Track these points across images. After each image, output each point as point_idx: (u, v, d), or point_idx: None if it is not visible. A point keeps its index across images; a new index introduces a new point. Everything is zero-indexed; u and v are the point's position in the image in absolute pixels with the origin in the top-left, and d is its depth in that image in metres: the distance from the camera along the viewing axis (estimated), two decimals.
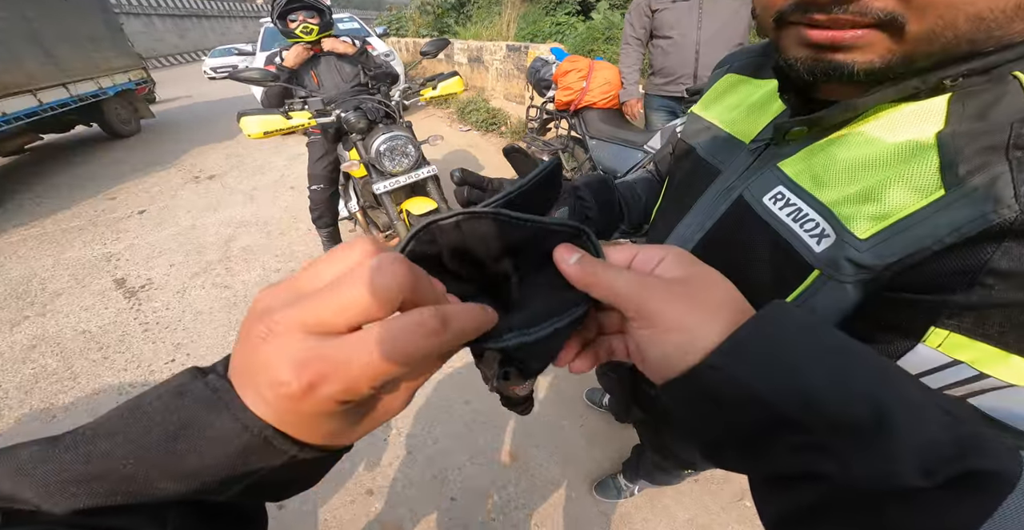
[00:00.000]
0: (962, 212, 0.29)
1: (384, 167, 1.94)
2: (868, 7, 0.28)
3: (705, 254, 0.45)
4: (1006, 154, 0.28)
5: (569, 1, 6.87)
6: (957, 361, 0.30)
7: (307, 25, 2.06)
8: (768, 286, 0.41)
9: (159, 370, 2.11)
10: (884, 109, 0.34)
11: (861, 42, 0.30)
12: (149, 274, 2.88)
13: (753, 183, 0.44)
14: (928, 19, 0.27)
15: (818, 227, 0.36)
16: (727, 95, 0.55)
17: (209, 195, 4.10)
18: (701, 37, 2.11)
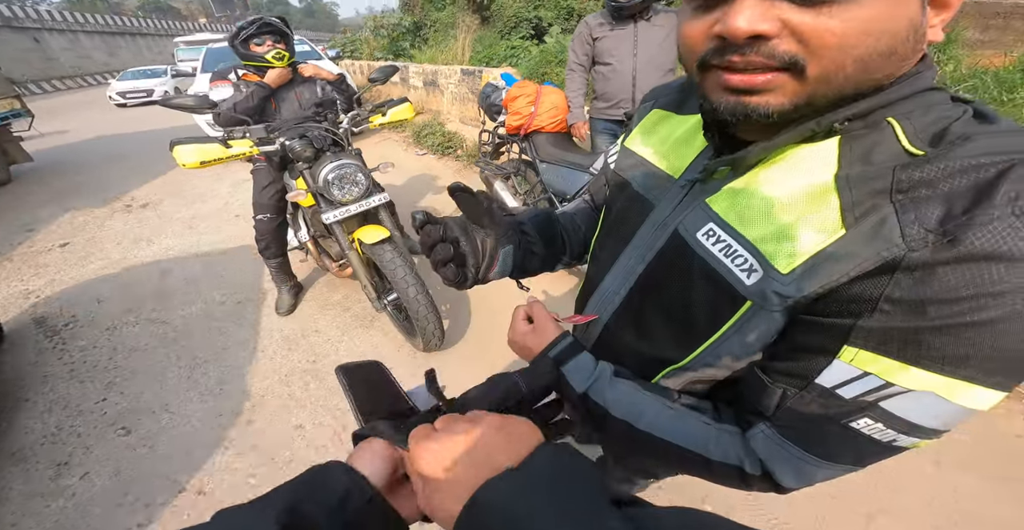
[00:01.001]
0: (860, 249, 0.35)
1: (333, 196, 1.93)
2: (774, 50, 0.33)
3: (647, 287, 0.55)
4: (891, 197, 0.34)
5: (523, 25, 7.27)
6: (867, 373, 0.36)
7: (279, 51, 2.10)
8: (706, 315, 0.46)
9: (89, 410, 2.01)
10: (788, 150, 0.41)
11: (772, 85, 0.35)
12: (74, 311, 2.73)
13: (686, 218, 0.48)
14: (823, 61, 0.33)
15: (747, 262, 0.42)
16: (655, 130, 0.59)
17: (143, 225, 3.95)
18: (637, 63, 2.33)
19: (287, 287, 2.62)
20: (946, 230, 0.32)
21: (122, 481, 1.70)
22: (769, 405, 0.43)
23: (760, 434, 0.45)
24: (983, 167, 0.32)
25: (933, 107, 0.37)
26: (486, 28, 8.27)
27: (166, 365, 2.26)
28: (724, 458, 0.47)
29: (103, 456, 1.80)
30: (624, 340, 0.58)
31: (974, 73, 2.78)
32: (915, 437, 0.37)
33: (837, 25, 0.31)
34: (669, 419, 0.51)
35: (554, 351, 0.57)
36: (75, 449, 1.84)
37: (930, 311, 0.33)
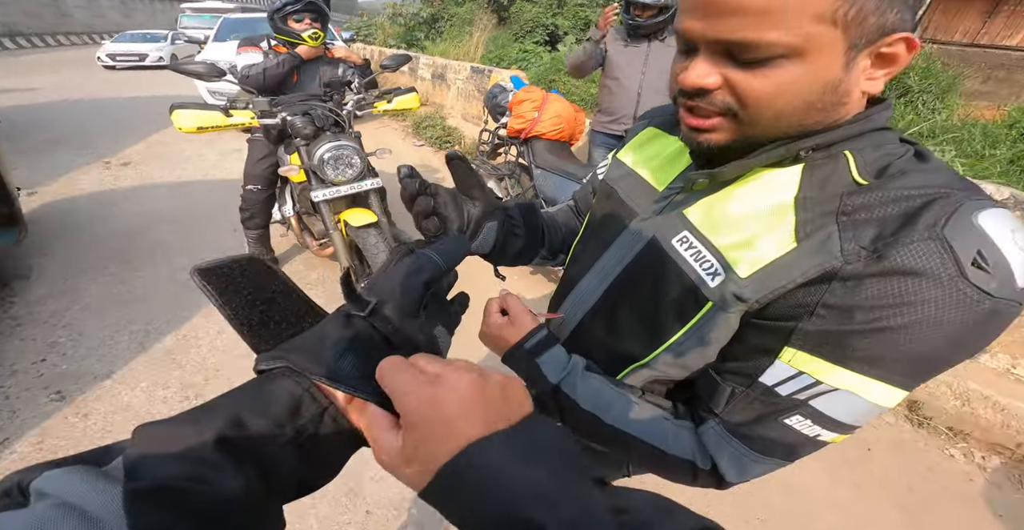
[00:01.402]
0: (808, 261, 0.41)
1: (326, 175, 1.94)
2: (715, 99, 0.42)
3: (623, 287, 0.58)
4: (836, 218, 0.40)
5: (538, 31, 7.33)
6: (801, 372, 0.42)
7: (316, 31, 2.16)
8: (672, 314, 0.51)
9: (25, 370, 1.91)
10: (761, 171, 0.47)
11: (714, 127, 0.44)
12: (29, 262, 2.62)
13: (664, 226, 0.53)
14: (749, 111, 0.41)
15: (712, 267, 0.47)
16: (647, 146, 0.65)
17: (119, 183, 3.83)
18: (644, 82, 2.37)
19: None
20: (876, 247, 0.38)
21: (44, 451, 1.60)
22: (719, 402, 0.48)
23: (711, 430, 0.50)
24: (911, 198, 0.38)
25: (882, 145, 0.43)
26: (501, 28, 8.31)
27: (117, 329, 2.18)
28: (680, 453, 0.51)
29: (28, 421, 1.70)
30: (595, 336, 0.62)
31: (964, 124, 2.87)
32: (835, 432, 0.43)
33: (761, 83, 0.39)
34: (634, 413, 0.54)
35: (530, 342, 0.59)
36: (0, 412, 1.73)
37: (857, 316, 0.38)
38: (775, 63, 0.38)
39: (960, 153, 2.51)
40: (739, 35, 0.37)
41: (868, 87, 0.40)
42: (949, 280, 0.35)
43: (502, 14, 8.82)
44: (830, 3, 0.35)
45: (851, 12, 0.35)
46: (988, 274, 0.35)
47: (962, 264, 0.35)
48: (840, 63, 0.38)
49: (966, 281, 0.35)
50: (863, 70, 0.39)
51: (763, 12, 0.36)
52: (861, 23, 0.36)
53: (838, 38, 0.36)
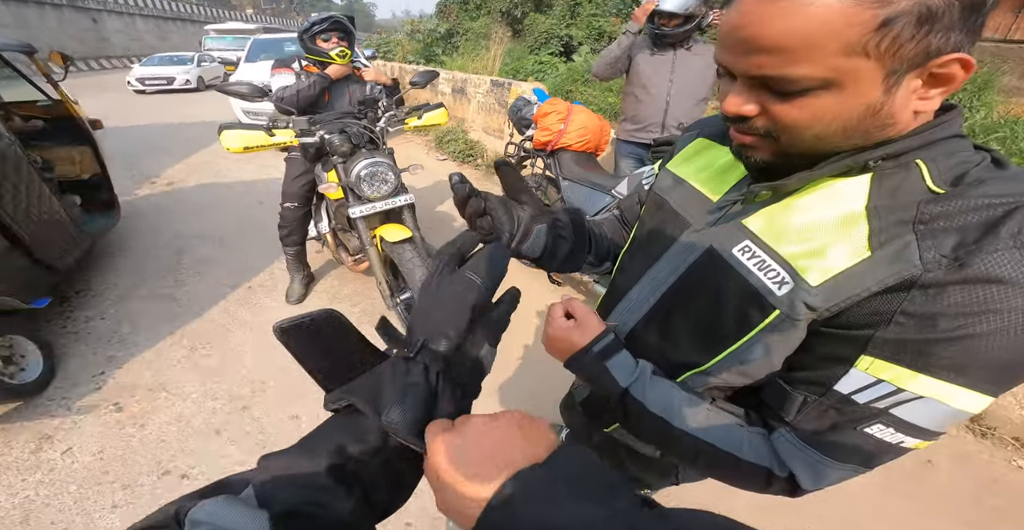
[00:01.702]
0: (884, 269, 0.41)
1: (363, 192, 1.99)
2: (754, 125, 0.44)
3: (678, 295, 0.60)
4: (913, 227, 0.40)
5: (553, 42, 7.43)
6: (880, 380, 0.42)
7: (343, 49, 2.22)
8: (733, 322, 0.51)
9: (84, 383, 2.02)
10: (825, 181, 0.46)
11: (755, 145, 0.46)
12: (87, 278, 2.78)
13: (722, 237, 0.53)
14: (787, 135, 0.43)
15: (779, 275, 0.47)
16: (698, 156, 0.65)
17: (163, 201, 4.03)
18: (672, 90, 2.39)
19: (300, 276, 2.67)
20: (958, 256, 0.38)
21: (105, 459, 1.69)
22: (790, 411, 0.48)
23: (782, 438, 0.50)
24: (993, 206, 0.38)
25: (956, 153, 0.43)
26: (516, 41, 8.45)
27: (169, 343, 2.29)
28: (755, 459, 0.51)
29: (89, 432, 1.79)
30: (650, 343, 0.62)
31: (1006, 121, 2.78)
32: (919, 438, 0.43)
33: (796, 112, 0.41)
34: (705, 419, 0.54)
35: (599, 346, 0.58)
36: (63, 422, 1.83)
37: (940, 324, 0.38)
38: (810, 94, 0.39)
39: (1007, 152, 2.44)
40: (769, 71, 0.39)
41: (920, 106, 0.40)
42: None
43: (516, 27, 8.98)
44: (858, 37, 0.35)
45: (883, 43, 0.35)
46: None
47: None
48: (879, 89, 0.38)
49: None
50: (913, 91, 0.39)
51: (790, 50, 0.37)
52: (897, 52, 0.36)
53: (872, 67, 0.37)
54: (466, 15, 10.33)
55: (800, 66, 0.37)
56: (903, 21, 0.34)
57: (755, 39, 0.38)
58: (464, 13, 10.44)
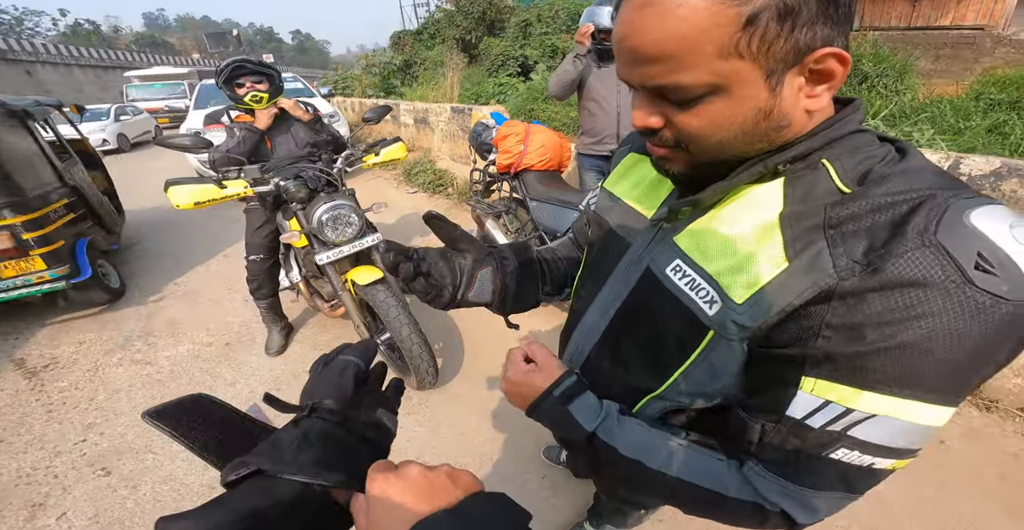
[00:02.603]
0: (801, 280, 0.39)
1: (327, 237, 1.94)
2: (663, 137, 0.44)
3: (624, 320, 0.58)
4: (824, 232, 0.39)
5: (510, 63, 7.61)
6: (828, 401, 0.39)
7: (256, 93, 2.07)
8: (675, 344, 0.50)
9: (67, 451, 1.96)
10: (743, 190, 0.46)
11: (669, 156, 0.47)
12: (54, 352, 2.67)
13: (657, 255, 0.53)
14: (693, 143, 0.43)
15: (708, 294, 0.46)
16: (630, 172, 0.64)
17: (127, 264, 3.92)
18: (620, 101, 2.44)
19: (278, 328, 2.60)
20: (870, 260, 0.36)
21: (101, 523, 1.64)
22: (752, 440, 0.46)
23: (752, 471, 0.47)
24: (897, 204, 0.37)
25: (859, 148, 0.43)
26: (474, 66, 8.64)
27: (148, 406, 2.20)
28: (742, 495, 0.47)
29: (81, 497, 1.75)
30: (604, 369, 0.61)
31: (931, 102, 2.95)
32: (892, 459, 0.40)
33: (696, 121, 0.41)
34: (683, 456, 0.51)
35: (559, 389, 0.56)
36: (52, 489, 1.79)
37: (867, 335, 0.36)
38: (704, 100, 0.39)
39: (938, 130, 2.57)
40: (659, 81, 0.39)
41: (811, 104, 0.40)
42: (956, 288, 0.33)
43: (471, 52, 9.20)
44: (728, 37, 0.35)
45: (753, 42, 0.35)
46: (996, 277, 0.33)
47: (965, 269, 0.33)
48: (764, 89, 0.38)
49: (974, 287, 0.33)
50: (799, 89, 0.39)
51: (670, 57, 0.37)
52: (769, 50, 0.36)
53: (750, 68, 0.37)
54: (421, 45, 10.56)
55: (685, 72, 0.37)
56: (765, 17, 0.34)
57: (638, 49, 0.39)
58: (419, 43, 10.67)
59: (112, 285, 3.20)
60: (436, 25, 10.50)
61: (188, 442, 0.38)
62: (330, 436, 0.40)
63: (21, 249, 2.53)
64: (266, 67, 2.13)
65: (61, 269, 2.68)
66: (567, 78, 2.46)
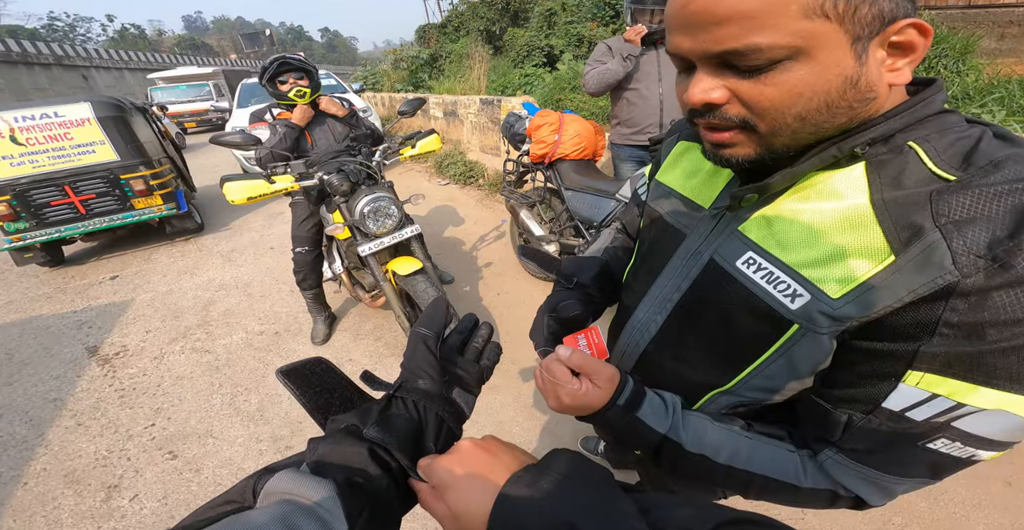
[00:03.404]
0: (914, 276, 0.36)
1: (368, 229, 1.97)
2: (727, 114, 0.40)
3: (686, 314, 0.55)
4: (935, 222, 0.35)
5: (535, 54, 7.47)
6: (936, 395, 0.37)
7: (299, 88, 2.13)
8: (749, 340, 0.47)
9: (138, 434, 2.08)
10: (816, 176, 0.42)
11: (733, 141, 0.41)
12: (124, 341, 2.84)
13: (721, 246, 0.49)
14: (766, 120, 0.38)
15: (790, 288, 0.43)
16: (682, 161, 0.61)
17: (185, 258, 4.11)
18: (663, 88, 2.30)
19: (322, 318, 2.67)
20: (995, 255, 0.33)
21: (170, 505, 1.74)
22: (834, 431, 0.44)
23: (830, 460, 0.46)
24: (1018, 192, 0.34)
25: (948, 129, 0.39)
26: (499, 58, 8.52)
27: (211, 392, 2.32)
28: (817, 484, 0.47)
29: (151, 479, 1.85)
30: (664, 366, 0.58)
31: (998, 82, 2.73)
32: (993, 450, 0.38)
33: (772, 91, 0.36)
34: (749, 449, 0.49)
35: (623, 398, 0.50)
36: (125, 472, 1.89)
37: (990, 334, 0.34)
38: (780, 67, 0.35)
39: (1009, 111, 2.38)
40: (730, 45, 0.35)
41: (893, 78, 0.37)
42: None
43: (496, 43, 9.07)
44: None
45: (840, 3, 0.33)
46: None
47: None
48: (851, 57, 0.35)
49: None
50: (881, 62, 0.37)
51: (747, 17, 0.34)
52: (855, 13, 0.33)
53: (837, 30, 0.34)
54: (446, 38, 10.47)
55: (763, 33, 0.34)
56: None
57: (709, 9, 0.35)
58: (444, 36, 10.59)
59: (197, 220, 4.52)
60: (460, 18, 10.38)
61: (306, 401, 0.42)
62: (403, 418, 0.42)
63: (148, 190, 3.94)
64: (306, 63, 2.17)
65: (171, 205, 4.09)
66: (612, 78, 2.29)
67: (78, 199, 3.69)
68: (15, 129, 3.41)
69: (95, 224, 3.82)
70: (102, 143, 3.67)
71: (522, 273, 3.14)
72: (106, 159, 3.70)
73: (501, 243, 3.69)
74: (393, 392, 0.43)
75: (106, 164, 3.71)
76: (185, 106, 13.72)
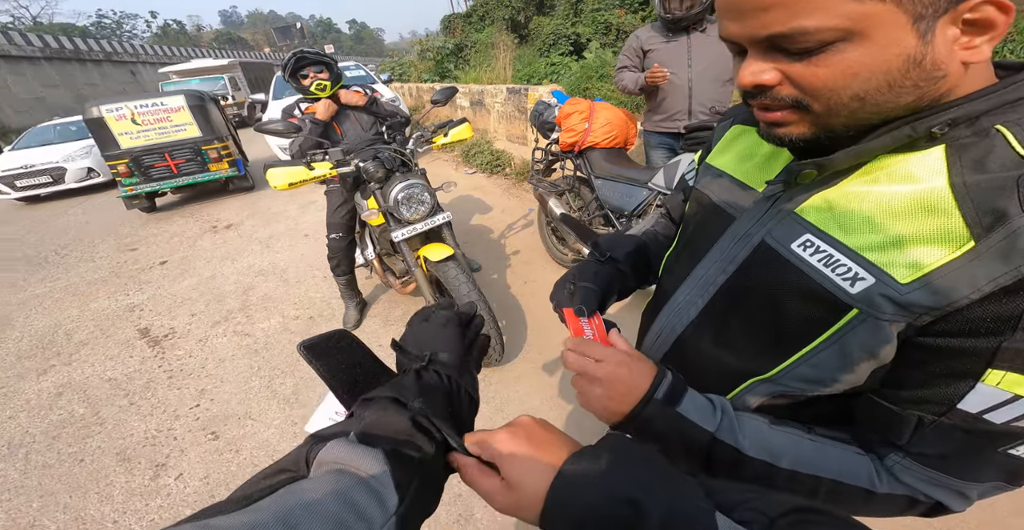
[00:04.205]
0: (996, 265, 0.33)
1: (402, 215, 1.99)
2: (779, 94, 0.38)
3: (730, 297, 0.52)
4: (1022, 208, 0.32)
5: (562, 42, 7.26)
6: (1018, 396, 0.34)
7: (320, 82, 2.15)
8: (799, 325, 0.44)
9: (184, 415, 2.15)
10: (887, 159, 0.39)
11: (787, 120, 0.40)
12: (172, 323, 2.95)
13: (774, 229, 0.47)
14: (820, 101, 0.37)
15: (850, 271, 0.40)
16: (735, 144, 0.59)
17: (227, 244, 4.23)
18: (692, 75, 2.24)
19: (353, 303, 2.70)
20: None
21: (211, 484, 1.78)
22: (902, 434, 0.41)
23: (897, 465, 0.42)
24: None
25: None
26: (525, 47, 8.34)
27: (250, 375, 2.38)
28: (894, 490, 0.43)
29: (195, 459, 1.90)
30: (702, 350, 0.55)
31: None
32: None
33: (823, 71, 0.35)
34: (814, 453, 0.46)
35: (660, 392, 0.46)
36: (172, 451, 1.95)
37: None
38: (832, 49, 0.34)
39: None
40: (776, 29, 0.34)
41: (968, 56, 0.34)
42: None
43: (521, 32, 8.87)
44: None
45: None
46: None
47: None
48: (912, 36, 0.33)
49: None
50: (954, 40, 0.34)
51: (792, 1, 0.33)
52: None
53: (892, 11, 0.32)
54: (471, 28, 10.31)
55: (810, 16, 0.32)
56: None
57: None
58: (469, 26, 10.43)
59: (250, 182, 5.97)
60: (485, 6, 10.18)
61: (330, 377, 0.40)
62: (441, 390, 0.41)
63: (219, 158, 5.42)
64: (324, 56, 2.19)
65: (234, 169, 5.58)
66: (636, 88, 2.37)
67: (173, 163, 5.20)
68: (135, 113, 4.94)
69: (183, 181, 5.33)
70: (191, 124, 5.17)
71: (549, 262, 3.09)
72: (193, 135, 5.21)
73: (528, 232, 3.64)
74: (425, 364, 0.43)
75: (193, 139, 5.20)
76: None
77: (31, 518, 1.71)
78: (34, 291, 3.70)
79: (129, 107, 4.91)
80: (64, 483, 1.85)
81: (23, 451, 2.04)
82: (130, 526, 1.64)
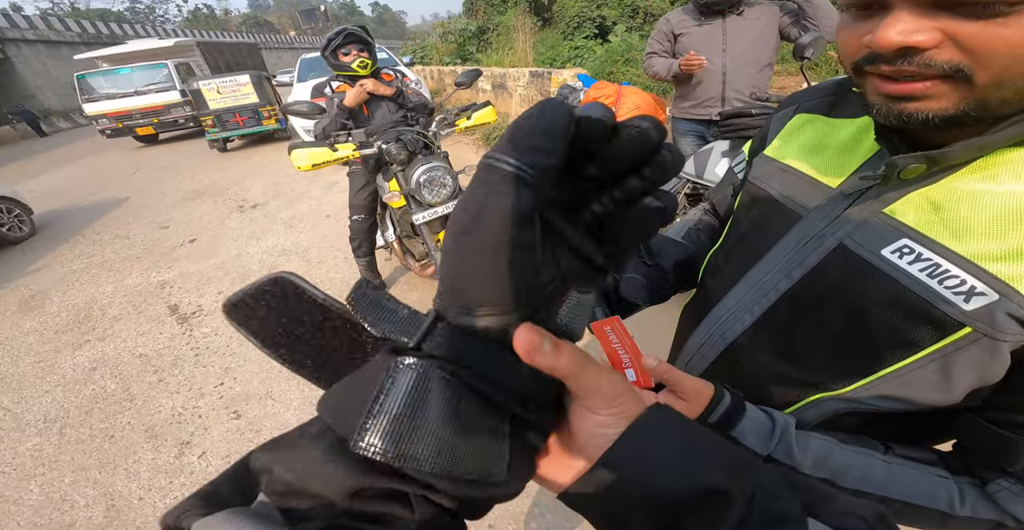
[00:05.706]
0: None
1: (423, 198, 1.94)
2: (932, 60, 0.30)
3: (797, 305, 0.46)
4: None
5: (586, 25, 6.96)
6: None
7: (362, 59, 2.12)
8: (887, 339, 0.39)
9: (209, 393, 2.14)
10: (1007, 153, 0.34)
11: (930, 93, 0.32)
12: (200, 301, 2.96)
13: (856, 231, 0.41)
14: (993, 69, 0.29)
15: (964, 284, 0.35)
16: (799, 135, 0.52)
17: (253, 224, 4.22)
18: (727, 60, 2.07)
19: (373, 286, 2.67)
20: None
21: (231, 463, 1.77)
22: (1015, 460, 0.37)
23: (1004, 492, 0.39)
24: None
25: None
26: (548, 30, 8.02)
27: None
28: (976, 514, 0.40)
29: (218, 437, 1.90)
30: (759, 360, 0.50)
31: None
32: None
33: (1010, 33, 0.28)
34: (885, 474, 0.42)
35: (715, 416, 0.43)
36: (196, 429, 1.95)
37: None
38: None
39: None
40: None
41: None
42: None
43: (544, 15, 8.52)
44: None
45: None
46: None
47: None
48: None
49: None
50: None
51: None
52: None
53: None
54: (493, 10, 9.98)
55: None
56: None
57: None
58: (491, 8, 10.09)
59: (289, 133, 7.90)
60: None
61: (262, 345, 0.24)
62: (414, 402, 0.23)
63: (269, 116, 7.60)
64: (368, 36, 2.16)
65: (278, 124, 7.72)
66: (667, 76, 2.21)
67: (240, 119, 7.41)
68: (218, 87, 7.30)
69: (246, 131, 7.60)
70: (252, 94, 7.44)
71: None
72: (254, 101, 7.46)
73: None
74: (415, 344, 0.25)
75: (253, 103, 7.45)
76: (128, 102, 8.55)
77: (63, 492, 1.74)
78: (72, 267, 3.75)
79: (215, 83, 7.36)
80: (95, 459, 1.87)
81: (58, 425, 2.07)
82: (154, 503, 1.65)
